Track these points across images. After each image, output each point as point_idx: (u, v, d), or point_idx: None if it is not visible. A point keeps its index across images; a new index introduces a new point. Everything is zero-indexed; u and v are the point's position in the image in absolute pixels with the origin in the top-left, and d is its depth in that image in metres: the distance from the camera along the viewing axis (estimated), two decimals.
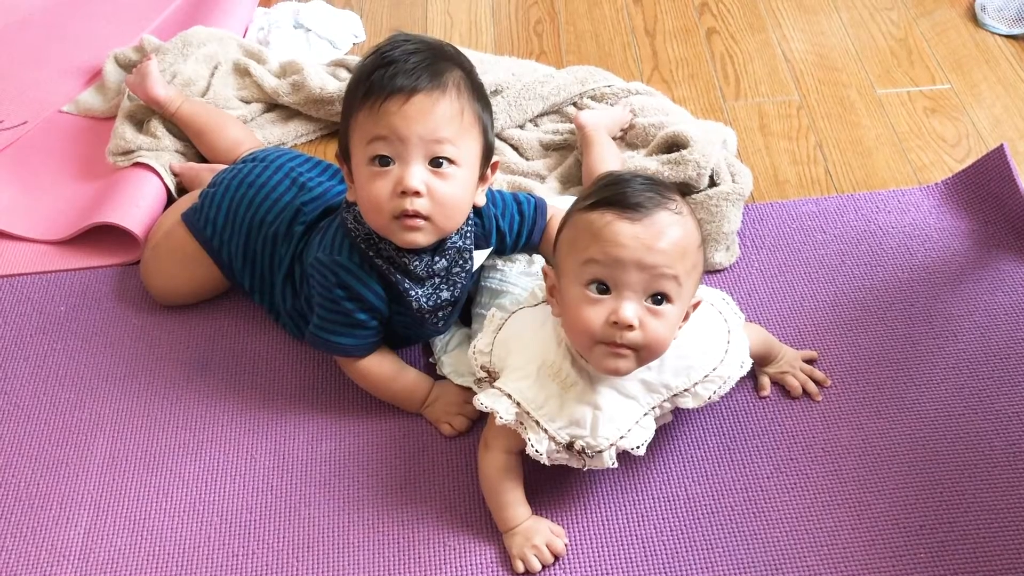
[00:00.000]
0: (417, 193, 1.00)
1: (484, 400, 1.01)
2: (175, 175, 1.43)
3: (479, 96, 1.04)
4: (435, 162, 1.01)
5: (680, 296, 0.95)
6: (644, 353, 0.95)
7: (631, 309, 0.92)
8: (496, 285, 1.17)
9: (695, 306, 1.00)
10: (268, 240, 1.21)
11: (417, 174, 1.00)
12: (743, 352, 1.05)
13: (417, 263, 1.07)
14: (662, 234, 0.93)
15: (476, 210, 1.12)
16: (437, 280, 1.10)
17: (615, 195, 0.95)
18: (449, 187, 1.01)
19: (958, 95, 1.60)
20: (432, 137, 0.99)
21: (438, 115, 0.99)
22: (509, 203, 1.17)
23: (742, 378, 1.06)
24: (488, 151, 1.07)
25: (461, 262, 1.11)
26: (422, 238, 1.03)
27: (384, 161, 1.00)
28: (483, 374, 1.06)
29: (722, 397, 1.04)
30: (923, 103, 1.59)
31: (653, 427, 1.01)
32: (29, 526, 1.10)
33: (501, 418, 0.99)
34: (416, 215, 1.01)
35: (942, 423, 1.14)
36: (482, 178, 1.08)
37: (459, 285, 1.12)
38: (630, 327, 0.92)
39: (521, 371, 1.01)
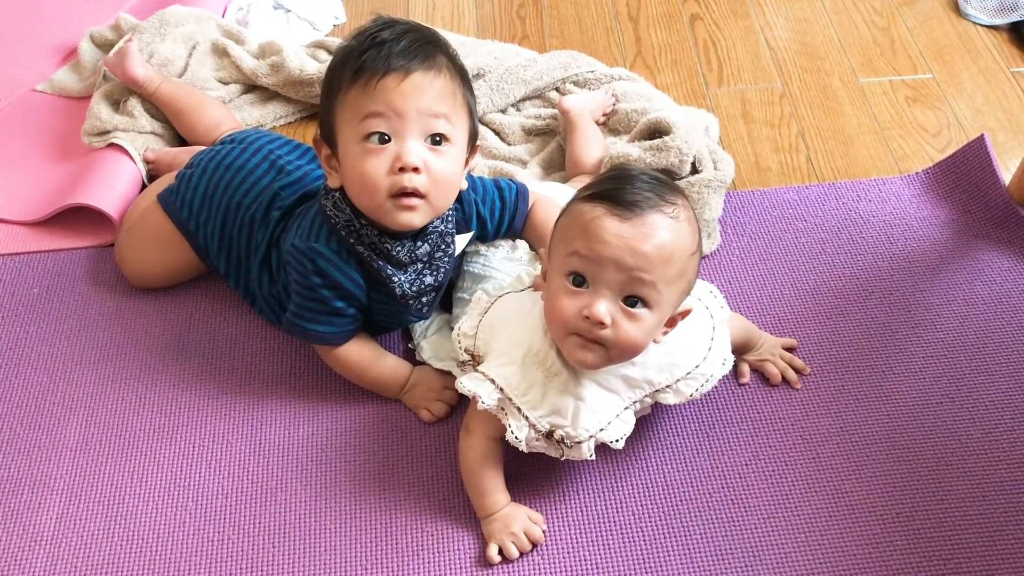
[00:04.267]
0: (416, 169, 0.99)
1: (467, 384, 1.00)
2: (149, 163, 1.41)
3: (465, 81, 1.04)
4: (431, 139, 1.00)
5: (659, 302, 0.93)
6: (614, 352, 0.94)
7: (604, 307, 0.91)
8: (479, 270, 1.16)
9: (684, 315, 0.98)
10: (245, 224, 1.19)
11: (416, 150, 0.99)
12: (725, 350, 1.04)
13: (400, 248, 1.06)
14: (649, 237, 0.91)
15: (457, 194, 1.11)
16: (420, 265, 1.09)
17: (612, 190, 0.93)
18: (445, 164, 1.01)
19: (940, 85, 1.60)
20: (429, 111, 0.99)
21: (435, 92, 0.99)
22: (490, 189, 1.16)
23: None
24: (473, 136, 1.07)
25: (443, 247, 1.10)
26: (417, 219, 1.02)
27: (380, 138, 0.99)
28: (466, 357, 1.05)
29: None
30: (905, 92, 1.59)
31: (632, 421, 1.01)
32: (1, 511, 1.08)
33: (483, 403, 0.99)
34: (414, 193, 0.99)
35: (920, 411, 1.14)
36: (465, 162, 1.07)
37: (442, 270, 1.11)
38: (601, 324, 0.91)
39: (506, 357, 1.00)
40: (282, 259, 1.14)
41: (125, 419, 1.16)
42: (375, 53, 0.98)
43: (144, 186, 1.40)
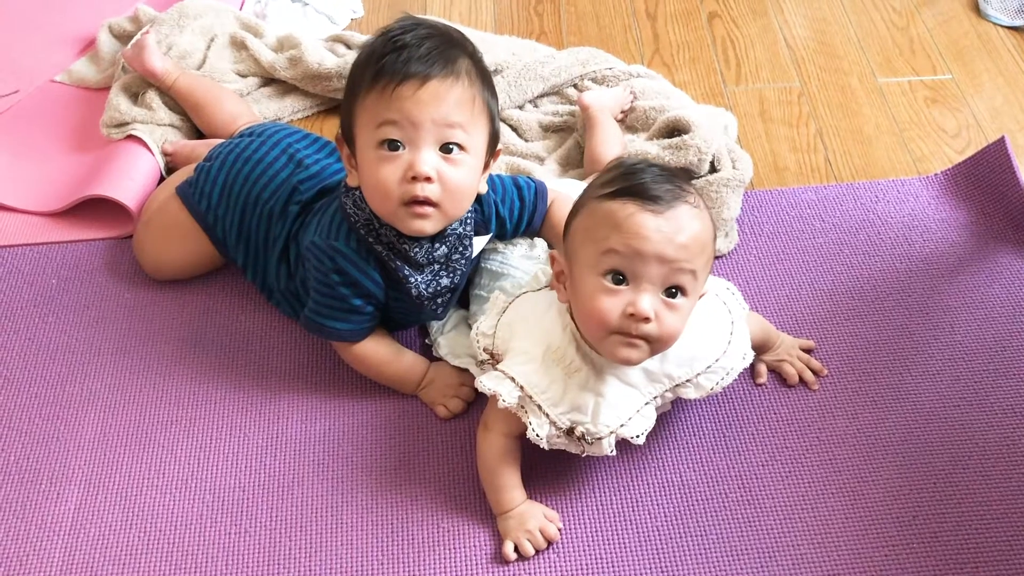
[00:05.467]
0: (428, 179, 0.99)
1: (487, 382, 1.00)
2: (167, 155, 1.41)
3: (487, 84, 1.03)
4: (445, 148, 1.00)
5: (694, 289, 0.95)
6: (657, 345, 0.95)
7: (648, 302, 0.92)
8: (497, 267, 1.16)
9: (700, 297, 0.99)
10: (263, 218, 1.19)
11: (428, 159, 0.99)
12: (745, 344, 1.04)
13: (417, 250, 1.06)
14: (684, 228, 0.92)
15: (476, 197, 1.10)
16: (437, 267, 1.09)
17: (635, 185, 0.94)
18: (459, 173, 1.00)
19: (959, 86, 1.59)
20: (445, 121, 0.98)
21: (451, 100, 0.98)
22: (509, 188, 1.16)
23: None
24: (494, 139, 1.06)
25: (461, 249, 1.10)
26: (430, 226, 1.02)
27: (393, 145, 0.99)
28: (486, 356, 1.05)
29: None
30: (924, 93, 1.58)
31: (654, 416, 1.01)
32: (19, 501, 1.09)
33: (503, 401, 0.99)
34: (426, 202, 1.00)
35: (937, 414, 1.14)
36: (485, 165, 1.07)
37: (459, 272, 1.11)
38: (646, 319, 0.92)
39: (526, 355, 1.01)
40: (300, 254, 1.14)
41: (142, 411, 1.17)
42: (394, 58, 0.97)
43: (162, 178, 1.40)
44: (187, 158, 1.39)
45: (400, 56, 0.97)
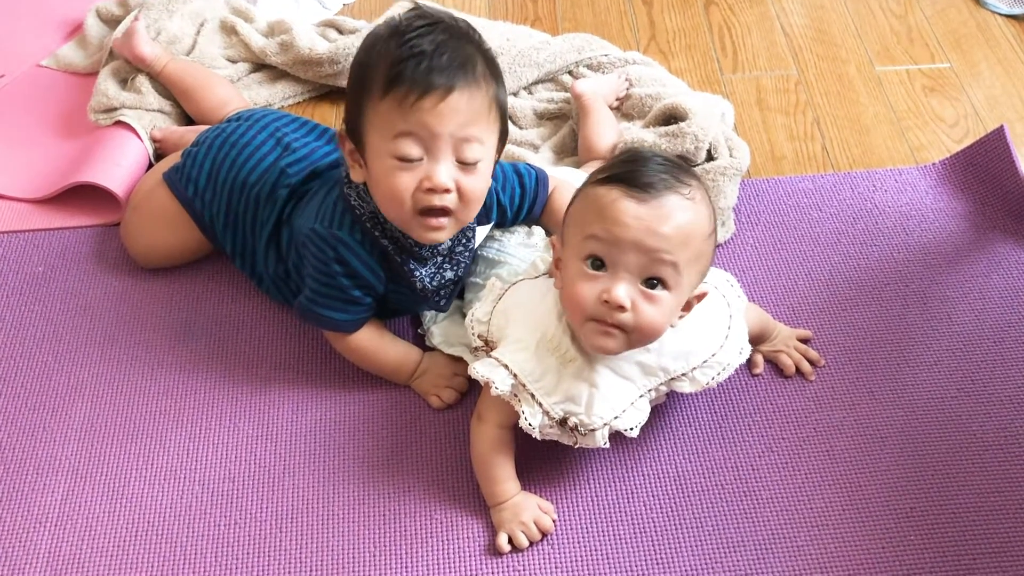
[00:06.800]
0: (447, 190, 0.97)
1: (480, 369, 0.99)
2: (156, 141, 1.39)
3: (499, 80, 1.01)
4: (463, 158, 0.97)
5: (678, 284, 0.92)
6: (635, 336, 0.93)
7: (623, 290, 0.90)
8: (494, 255, 1.15)
9: (699, 298, 0.97)
10: (251, 202, 1.17)
11: (446, 171, 0.97)
12: (743, 338, 1.03)
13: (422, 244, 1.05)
14: (667, 218, 0.90)
15: None
16: (440, 259, 1.08)
17: (627, 172, 0.92)
18: (475, 182, 0.99)
19: (957, 75, 1.58)
20: (463, 135, 0.96)
21: (471, 113, 0.96)
22: (510, 176, 1.14)
23: None
24: (503, 135, 1.04)
25: (464, 240, 1.09)
26: (443, 236, 1.01)
27: (412, 157, 0.97)
28: (480, 343, 1.04)
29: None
30: (922, 82, 1.57)
31: (648, 409, 1.00)
32: (4, 492, 1.07)
33: (496, 388, 0.97)
34: (442, 211, 0.98)
35: (935, 405, 1.13)
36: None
37: (462, 264, 1.10)
38: (621, 308, 0.90)
39: (520, 343, 0.99)
40: (293, 238, 1.12)
41: (130, 401, 1.15)
42: (414, 66, 0.94)
43: (151, 164, 1.38)
44: (176, 144, 1.37)
45: (420, 65, 0.94)
